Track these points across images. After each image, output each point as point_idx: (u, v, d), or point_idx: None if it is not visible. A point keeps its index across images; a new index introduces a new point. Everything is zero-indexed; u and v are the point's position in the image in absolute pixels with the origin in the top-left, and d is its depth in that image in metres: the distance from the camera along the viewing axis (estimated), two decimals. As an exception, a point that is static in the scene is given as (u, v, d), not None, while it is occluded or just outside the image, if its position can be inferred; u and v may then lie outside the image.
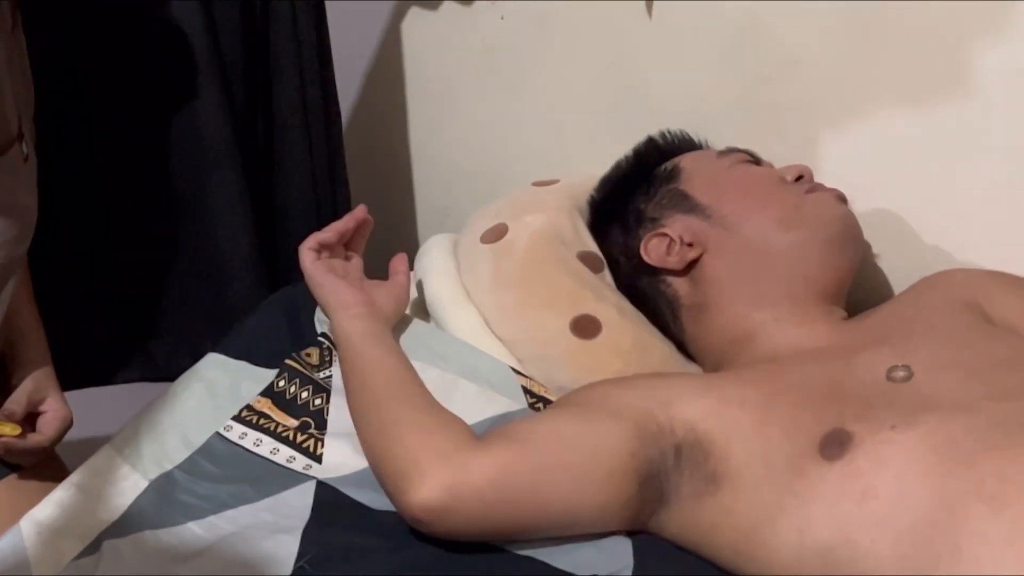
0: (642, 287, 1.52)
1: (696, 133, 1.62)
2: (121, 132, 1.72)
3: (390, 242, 1.68)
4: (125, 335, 1.82)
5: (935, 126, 1.48)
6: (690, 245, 1.46)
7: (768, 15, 1.59)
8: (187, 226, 1.78)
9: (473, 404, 1.42)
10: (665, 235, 1.47)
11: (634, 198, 1.54)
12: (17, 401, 1.45)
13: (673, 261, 1.46)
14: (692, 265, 1.46)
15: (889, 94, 1.51)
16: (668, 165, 1.55)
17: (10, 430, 1.41)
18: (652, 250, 1.48)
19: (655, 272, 1.49)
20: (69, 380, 1.57)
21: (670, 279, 1.48)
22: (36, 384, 1.48)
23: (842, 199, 1.48)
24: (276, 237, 1.85)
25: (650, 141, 1.62)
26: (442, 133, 2.12)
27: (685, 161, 1.55)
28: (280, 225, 1.86)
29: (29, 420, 1.47)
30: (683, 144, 1.61)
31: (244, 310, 1.68)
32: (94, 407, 1.64)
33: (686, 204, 1.49)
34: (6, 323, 1.47)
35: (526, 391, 1.46)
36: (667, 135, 1.61)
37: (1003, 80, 1.41)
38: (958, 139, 1.47)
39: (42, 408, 1.48)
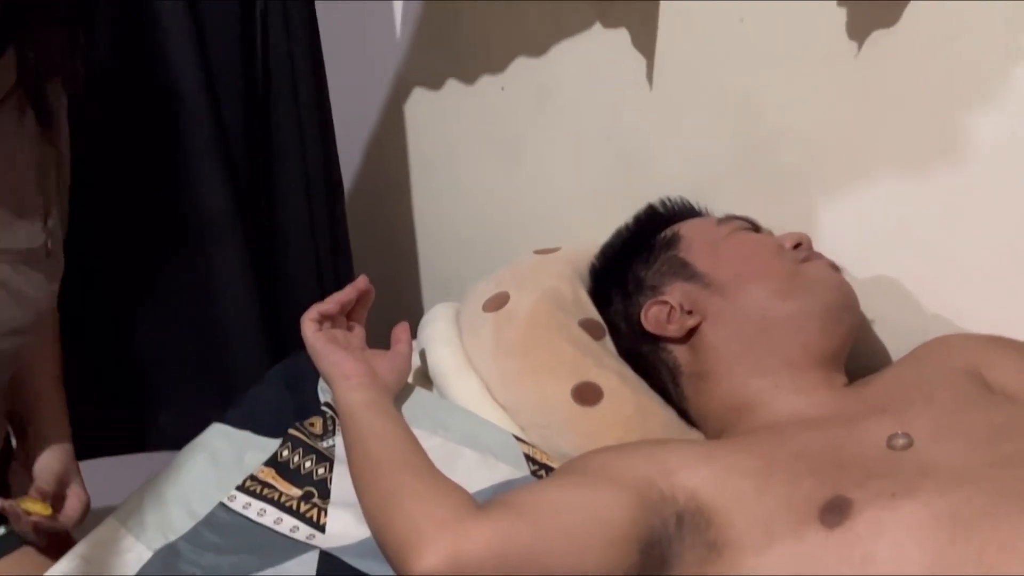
0: (643, 354, 1.53)
1: (696, 200, 1.63)
2: (124, 206, 1.73)
3: (393, 312, 1.68)
4: (131, 406, 1.83)
5: (932, 192, 1.48)
6: (690, 313, 1.46)
7: (765, 83, 1.60)
8: (191, 297, 1.79)
9: (475, 472, 1.42)
10: (665, 303, 1.48)
11: (634, 265, 1.55)
12: (47, 481, 1.47)
13: (673, 329, 1.47)
14: (692, 333, 1.46)
15: (886, 161, 1.52)
16: (668, 232, 1.56)
17: (42, 509, 1.42)
18: (652, 318, 1.49)
19: (655, 339, 1.50)
20: (76, 450, 1.57)
21: (670, 346, 1.49)
22: (63, 466, 1.51)
23: (835, 268, 1.49)
24: (279, 308, 1.85)
25: (650, 208, 1.63)
26: (444, 203, 2.13)
27: (685, 228, 1.55)
28: (283, 296, 1.86)
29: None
30: (683, 211, 1.62)
31: (248, 380, 1.68)
32: (100, 478, 1.64)
33: (685, 272, 1.49)
34: (33, 401, 1.49)
35: (528, 459, 1.46)
36: (667, 202, 1.62)
37: (999, 146, 1.42)
38: (955, 205, 1.47)
39: (66, 491, 1.50)
